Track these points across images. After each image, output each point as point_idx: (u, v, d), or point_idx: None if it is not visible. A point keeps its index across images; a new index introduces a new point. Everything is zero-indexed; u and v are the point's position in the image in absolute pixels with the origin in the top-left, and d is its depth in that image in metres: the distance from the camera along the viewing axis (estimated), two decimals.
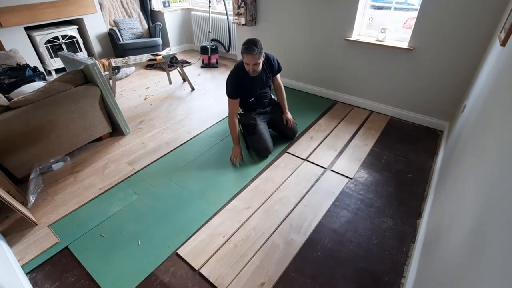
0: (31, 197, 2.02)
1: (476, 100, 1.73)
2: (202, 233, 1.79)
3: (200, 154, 2.51)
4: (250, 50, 1.99)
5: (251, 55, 2.02)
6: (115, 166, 2.39)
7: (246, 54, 2.03)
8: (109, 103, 2.56)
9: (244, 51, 2.02)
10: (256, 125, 2.39)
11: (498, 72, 1.42)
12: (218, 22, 4.52)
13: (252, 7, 3.35)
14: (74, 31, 4.19)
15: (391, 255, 1.66)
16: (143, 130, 2.87)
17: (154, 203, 2.02)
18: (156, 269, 1.60)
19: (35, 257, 1.67)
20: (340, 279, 1.54)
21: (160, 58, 3.40)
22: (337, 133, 2.74)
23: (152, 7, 4.85)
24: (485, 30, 2.19)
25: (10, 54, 3.27)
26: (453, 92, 2.55)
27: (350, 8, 2.76)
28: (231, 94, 2.26)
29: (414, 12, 2.63)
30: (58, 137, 2.28)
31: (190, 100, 3.45)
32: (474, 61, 2.34)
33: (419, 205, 1.98)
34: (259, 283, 1.51)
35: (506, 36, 1.51)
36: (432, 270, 1.15)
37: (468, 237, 0.88)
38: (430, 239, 1.44)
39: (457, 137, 1.89)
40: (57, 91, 2.24)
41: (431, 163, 2.35)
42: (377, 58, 2.83)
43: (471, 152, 1.33)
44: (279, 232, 1.79)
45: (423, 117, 2.84)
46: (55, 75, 4.14)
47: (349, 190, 2.11)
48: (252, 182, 2.19)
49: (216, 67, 4.45)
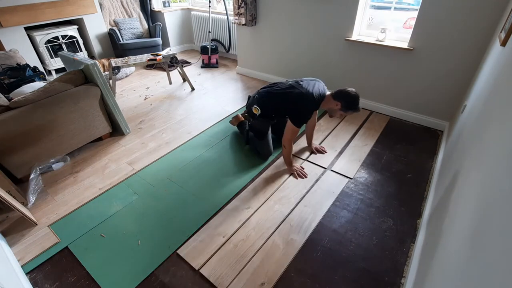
0: (31, 197, 2.02)
1: (476, 100, 1.73)
2: (202, 233, 1.79)
3: (200, 154, 2.50)
4: (360, 109, 1.98)
5: (358, 112, 2.00)
6: (115, 166, 2.39)
7: (356, 112, 1.99)
8: (109, 103, 2.56)
9: (358, 111, 1.98)
10: (267, 132, 2.38)
11: (498, 72, 1.42)
12: (218, 22, 4.52)
13: (252, 7, 3.35)
14: (74, 31, 4.19)
15: (391, 255, 1.66)
16: (143, 130, 2.87)
17: (154, 203, 2.02)
18: (156, 269, 1.60)
19: (35, 257, 1.67)
20: (340, 279, 1.54)
21: (160, 58, 3.40)
22: (337, 133, 2.74)
23: (152, 7, 4.85)
24: (485, 30, 2.19)
25: (10, 54, 3.27)
26: (453, 92, 2.55)
27: (350, 8, 2.76)
28: (301, 125, 2.10)
29: (414, 12, 2.62)
30: (58, 137, 2.28)
31: (190, 100, 3.45)
32: (474, 61, 2.34)
33: (419, 205, 1.98)
34: (259, 283, 1.51)
35: (506, 36, 1.51)
36: (432, 270, 1.15)
37: (468, 237, 0.88)
38: (430, 239, 1.44)
39: (457, 137, 1.89)
40: (57, 91, 2.24)
41: (431, 163, 2.35)
42: (377, 58, 2.84)
43: (471, 152, 1.33)
44: (279, 232, 1.79)
45: (423, 117, 2.84)
46: (55, 75, 4.14)
47: (349, 190, 2.11)
48: (252, 182, 2.19)
49: (216, 67, 4.45)
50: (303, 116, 2.07)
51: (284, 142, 2.17)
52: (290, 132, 2.11)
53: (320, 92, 2.05)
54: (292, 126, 2.07)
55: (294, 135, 2.13)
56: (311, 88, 2.05)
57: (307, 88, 2.05)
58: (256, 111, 2.34)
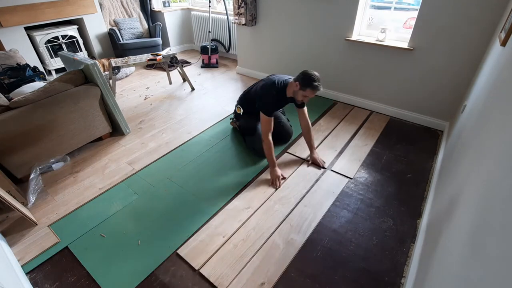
0: (31, 197, 2.02)
1: (476, 100, 1.73)
2: (202, 233, 1.79)
3: (200, 154, 2.50)
4: (320, 88, 1.95)
5: (317, 91, 1.97)
6: (115, 166, 2.39)
7: (314, 90, 1.96)
8: (109, 103, 2.56)
9: (315, 88, 1.94)
10: (256, 128, 2.42)
11: (498, 72, 1.42)
12: (218, 22, 4.52)
13: (252, 7, 3.35)
14: (74, 31, 4.19)
15: (391, 255, 1.66)
16: (143, 130, 2.87)
17: (154, 203, 2.02)
18: (156, 269, 1.60)
19: (35, 257, 1.67)
20: (340, 279, 1.54)
21: (160, 58, 3.40)
22: (337, 133, 2.74)
23: (152, 7, 4.85)
24: (485, 30, 2.19)
25: (10, 54, 3.27)
26: (453, 92, 2.55)
27: (350, 8, 2.76)
28: (270, 113, 2.11)
29: (414, 12, 2.62)
30: (58, 137, 2.28)
31: (190, 100, 3.45)
32: (474, 61, 2.34)
33: (419, 205, 1.98)
34: (259, 283, 1.51)
35: (506, 36, 1.51)
36: (432, 270, 1.15)
37: (468, 237, 0.88)
38: (430, 239, 1.44)
39: (457, 137, 1.89)
40: (57, 91, 2.24)
41: (431, 163, 2.35)
42: (377, 58, 2.83)
43: (471, 152, 1.33)
44: (279, 232, 1.79)
45: (423, 117, 2.84)
46: (55, 75, 4.14)
47: (349, 190, 2.11)
48: (252, 182, 2.19)
49: (216, 67, 4.45)
50: (268, 103, 2.13)
51: (262, 136, 2.18)
52: (264, 123, 2.14)
53: (283, 80, 2.16)
54: (263, 115, 2.12)
55: (268, 126, 2.13)
56: (275, 78, 2.18)
57: (272, 78, 2.19)
58: (239, 110, 2.51)
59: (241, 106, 2.50)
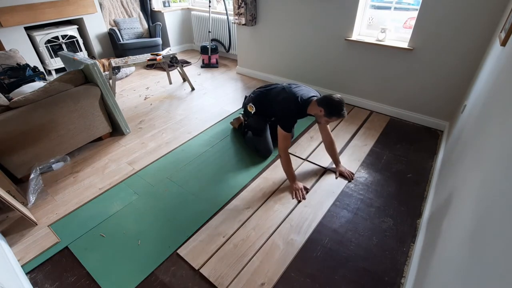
0: (31, 197, 2.02)
1: (476, 100, 1.73)
2: (202, 233, 1.79)
3: (200, 154, 2.50)
4: (345, 115, 1.91)
5: (342, 118, 1.96)
6: (115, 166, 2.39)
7: (341, 118, 1.93)
8: (109, 103, 2.56)
9: (341, 116, 1.89)
10: (264, 129, 2.40)
11: (498, 72, 1.42)
12: (218, 22, 4.52)
13: (252, 7, 3.35)
14: (74, 31, 4.19)
15: (391, 255, 1.66)
16: (143, 130, 2.87)
17: (154, 203, 2.02)
18: (156, 269, 1.60)
19: (35, 257, 1.67)
20: (340, 279, 1.54)
21: (160, 58, 3.40)
22: (337, 133, 2.74)
23: (152, 7, 4.85)
24: (485, 30, 2.19)
25: (10, 54, 3.27)
26: (453, 92, 2.55)
27: (350, 8, 2.76)
28: (289, 130, 2.05)
29: (414, 12, 2.63)
30: (58, 137, 2.28)
31: (190, 100, 3.45)
32: (474, 61, 2.34)
33: (419, 205, 1.98)
34: (259, 283, 1.51)
35: (506, 36, 1.51)
36: (432, 270, 1.15)
37: (468, 236, 0.88)
38: (430, 239, 1.44)
39: (457, 137, 1.89)
40: (57, 91, 2.24)
41: (431, 163, 2.35)
42: (377, 58, 2.83)
43: (471, 152, 1.33)
44: (279, 232, 1.79)
45: (423, 117, 2.84)
46: (55, 75, 4.14)
47: (349, 190, 2.11)
48: (252, 182, 2.19)
49: (216, 67, 4.45)
50: (288, 119, 2.05)
51: (279, 151, 2.12)
52: (281, 138, 2.07)
53: (306, 96, 2.04)
54: (281, 131, 2.04)
55: (286, 142, 2.07)
56: (299, 92, 2.06)
57: (295, 92, 2.06)
58: (251, 109, 2.40)
59: (253, 105, 2.38)
